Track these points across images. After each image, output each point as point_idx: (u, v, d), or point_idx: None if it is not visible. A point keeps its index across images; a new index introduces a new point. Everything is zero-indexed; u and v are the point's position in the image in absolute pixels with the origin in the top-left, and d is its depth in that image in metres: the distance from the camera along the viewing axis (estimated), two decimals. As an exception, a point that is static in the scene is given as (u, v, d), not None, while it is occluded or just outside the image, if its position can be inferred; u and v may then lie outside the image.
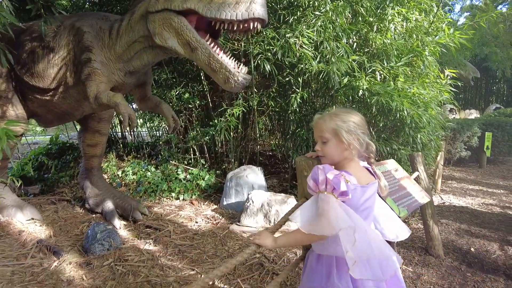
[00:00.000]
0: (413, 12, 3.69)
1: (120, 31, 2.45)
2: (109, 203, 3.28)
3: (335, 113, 1.31)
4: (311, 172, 1.23)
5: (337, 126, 1.26)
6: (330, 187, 1.15)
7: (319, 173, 1.19)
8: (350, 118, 1.27)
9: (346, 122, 1.26)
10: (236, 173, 3.99)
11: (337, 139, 1.26)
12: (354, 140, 1.25)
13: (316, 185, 1.20)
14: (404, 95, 3.22)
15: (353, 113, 1.31)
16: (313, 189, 1.22)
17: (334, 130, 1.27)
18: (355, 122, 1.27)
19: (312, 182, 1.21)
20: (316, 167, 1.22)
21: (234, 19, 1.95)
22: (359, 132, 1.26)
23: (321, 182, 1.17)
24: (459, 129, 6.60)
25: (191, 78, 4.82)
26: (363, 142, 1.28)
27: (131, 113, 2.29)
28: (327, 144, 1.29)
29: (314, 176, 1.21)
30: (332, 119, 1.28)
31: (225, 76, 2.08)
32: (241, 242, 2.95)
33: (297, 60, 3.42)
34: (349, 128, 1.25)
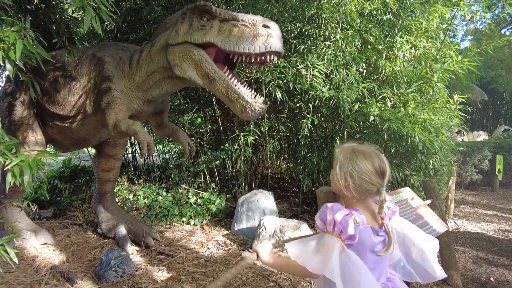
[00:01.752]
0: (421, 39, 3.78)
1: (140, 62, 2.54)
2: (122, 228, 3.29)
3: (352, 147, 1.26)
4: (319, 211, 1.21)
5: (338, 157, 1.24)
6: (337, 229, 1.12)
7: (327, 213, 1.16)
8: (355, 159, 1.20)
9: (348, 160, 1.21)
10: (247, 198, 3.99)
11: (334, 170, 1.25)
12: (343, 180, 1.20)
13: (324, 225, 1.17)
14: (415, 121, 3.25)
15: (366, 157, 1.21)
16: (321, 228, 1.19)
17: (335, 160, 1.26)
18: (358, 165, 1.19)
19: (320, 221, 1.18)
20: (324, 206, 1.19)
21: (252, 52, 2.02)
22: (356, 176, 1.18)
23: (329, 223, 1.15)
24: (469, 152, 6.57)
25: (203, 103, 4.91)
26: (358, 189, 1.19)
27: (150, 140, 2.34)
28: (332, 171, 1.29)
29: (322, 216, 1.18)
30: (343, 150, 1.26)
31: (242, 106, 2.13)
32: (254, 270, 2.92)
33: (307, 87, 3.49)
34: (345, 167, 1.21)
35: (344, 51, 3.47)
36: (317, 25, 3.58)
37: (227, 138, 4.92)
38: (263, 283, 2.69)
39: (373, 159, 1.21)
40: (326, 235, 1.15)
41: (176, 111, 4.80)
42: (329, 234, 1.14)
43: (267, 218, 3.46)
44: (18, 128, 2.87)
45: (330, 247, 1.11)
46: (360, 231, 1.12)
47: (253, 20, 2.08)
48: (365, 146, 1.27)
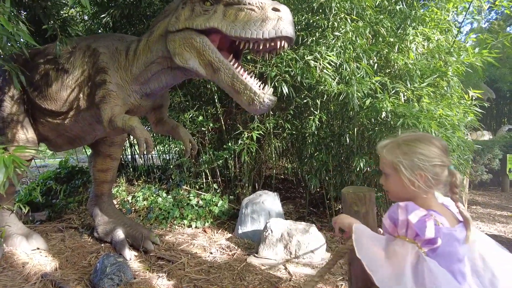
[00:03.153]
0: (434, 32, 3.58)
1: (137, 52, 2.35)
2: (120, 232, 3.09)
3: (398, 141, 1.10)
4: (389, 210, 1.01)
5: (396, 160, 1.05)
6: (411, 233, 0.93)
7: (399, 213, 0.97)
8: (415, 149, 1.04)
9: (409, 155, 1.04)
10: (252, 199, 3.79)
11: (397, 176, 1.06)
12: (418, 177, 1.02)
13: (394, 228, 0.98)
14: (431, 116, 3.06)
15: (423, 141, 1.06)
16: (390, 231, 1.00)
17: (393, 165, 1.07)
18: (423, 154, 1.03)
19: (389, 222, 1.00)
20: (396, 205, 1.01)
21: (260, 37, 1.83)
22: (428, 165, 1.02)
23: (401, 225, 0.96)
24: (479, 151, 6.37)
25: (204, 101, 4.72)
26: (435, 177, 1.03)
27: (148, 137, 2.15)
28: (388, 179, 1.11)
29: (392, 215, 0.99)
30: (392, 150, 1.08)
31: (249, 98, 1.94)
32: (261, 277, 2.72)
33: (316, 82, 3.29)
34: (411, 164, 1.03)
35: (354, 44, 3.28)
36: (325, 16, 3.38)
37: (230, 137, 4.73)
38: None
39: (430, 139, 1.07)
40: (397, 240, 0.96)
41: (176, 109, 4.61)
42: (401, 239, 0.95)
43: (274, 221, 3.26)
44: (7, 125, 2.68)
45: (402, 256, 0.92)
46: (443, 235, 0.92)
47: (261, 3, 1.89)
48: (408, 134, 1.12)
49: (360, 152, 3.58)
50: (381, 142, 1.17)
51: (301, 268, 2.89)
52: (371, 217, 1.20)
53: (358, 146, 3.63)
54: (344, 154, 3.86)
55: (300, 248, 3.05)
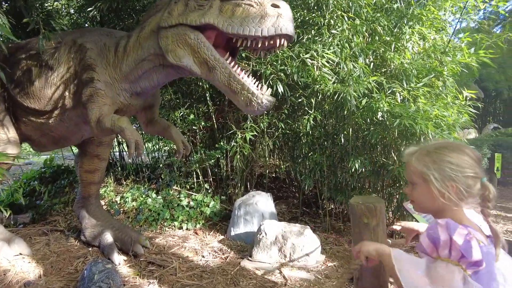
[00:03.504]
0: (430, 31, 3.55)
1: (127, 48, 2.22)
2: (108, 236, 2.97)
3: (429, 149, 1.02)
4: (428, 228, 0.93)
5: (426, 169, 0.98)
6: (455, 255, 0.84)
7: (440, 232, 0.88)
8: (446, 158, 0.97)
9: (439, 164, 0.97)
10: (245, 200, 3.70)
11: (426, 186, 0.99)
12: (450, 189, 0.95)
13: (433, 248, 0.88)
14: (427, 117, 3.02)
15: (454, 150, 0.99)
16: (429, 252, 0.90)
17: (422, 174, 0.99)
18: (454, 163, 0.96)
19: (429, 242, 0.90)
20: (435, 223, 0.92)
21: (259, 35, 1.73)
22: (460, 176, 0.95)
23: (443, 246, 0.86)
24: (469, 150, 6.42)
25: (195, 99, 4.60)
26: (467, 189, 0.95)
27: (138, 138, 2.03)
28: (415, 188, 1.03)
29: (432, 235, 0.89)
30: (421, 158, 1.01)
31: (247, 99, 1.85)
32: (255, 282, 2.65)
33: (312, 81, 3.21)
34: (442, 174, 0.96)
35: (351, 42, 3.21)
36: (322, 14, 3.30)
37: (222, 136, 4.62)
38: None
39: (462, 148, 0.99)
40: (439, 262, 0.87)
41: (166, 107, 4.48)
42: (444, 261, 0.86)
43: (268, 223, 3.19)
44: (-13, 124, 2.52)
45: (448, 281, 0.83)
46: (483, 254, 0.85)
47: (260, -1, 1.79)
48: (438, 142, 1.07)
49: (355, 152, 3.53)
50: (408, 149, 1.10)
51: (296, 272, 2.82)
52: (381, 230, 1.13)
53: (353, 146, 3.57)
54: (338, 154, 3.80)
55: (295, 251, 2.98)
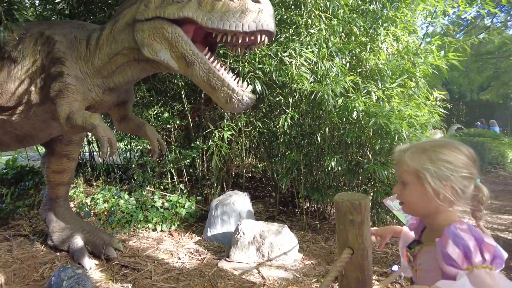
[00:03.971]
0: (403, 33, 3.65)
1: (100, 42, 2.11)
2: (78, 239, 2.82)
3: (424, 147, 0.97)
4: (452, 237, 0.83)
5: (420, 167, 0.93)
6: (489, 258, 0.79)
7: (466, 237, 0.81)
8: (443, 156, 0.92)
9: (436, 163, 0.91)
10: (222, 200, 3.65)
11: (420, 185, 0.93)
12: (446, 188, 0.90)
13: (465, 258, 0.80)
14: (401, 116, 3.10)
15: (450, 148, 0.94)
16: (460, 264, 0.81)
17: (417, 173, 0.93)
18: (450, 162, 0.91)
19: (459, 252, 0.81)
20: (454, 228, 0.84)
21: (240, 30, 1.69)
22: (457, 176, 0.90)
23: (474, 252, 0.79)
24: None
25: (170, 97, 4.49)
26: (463, 189, 0.90)
27: (111, 136, 1.93)
28: (407, 188, 0.97)
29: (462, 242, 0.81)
30: (416, 155, 0.95)
31: (227, 95, 1.80)
32: (233, 282, 2.60)
33: (290, 80, 3.21)
34: (438, 172, 0.90)
35: (328, 42, 3.24)
36: (299, 13, 3.31)
37: (198, 135, 4.54)
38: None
39: (458, 146, 0.94)
40: (478, 271, 0.78)
41: (140, 105, 4.34)
42: (481, 268, 0.78)
43: (245, 223, 3.15)
44: None
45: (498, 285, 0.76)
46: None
47: (241, -7, 1.75)
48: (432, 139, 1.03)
49: (331, 151, 3.57)
50: (400, 146, 1.04)
51: (275, 271, 2.81)
52: (367, 226, 1.12)
53: (329, 145, 3.61)
54: (315, 153, 3.83)
55: (273, 250, 2.97)
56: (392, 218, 3.58)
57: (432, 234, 0.98)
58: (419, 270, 1.01)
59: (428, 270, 0.97)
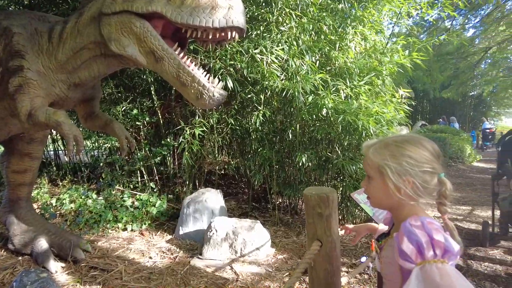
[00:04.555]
0: (371, 32, 3.77)
1: (64, 35, 2.02)
2: (42, 242, 2.70)
3: (387, 142, 0.97)
4: (406, 233, 0.84)
5: (382, 162, 0.93)
6: (440, 252, 0.80)
7: (419, 234, 0.82)
8: (405, 152, 0.92)
9: (397, 158, 0.92)
10: (194, 198, 3.62)
11: (382, 180, 0.94)
12: (406, 183, 0.90)
13: (418, 254, 0.81)
14: (368, 113, 3.21)
15: (413, 143, 0.94)
16: (413, 259, 0.82)
17: (378, 168, 0.94)
18: (412, 157, 0.91)
19: (412, 248, 0.82)
20: (407, 224, 0.85)
21: (210, 26, 1.68)
22: (417, 171, 0.90)
23: (427, 247, 0.81)
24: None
25: (139, 93, 4.38)
26: (424, 184, 0.91)
27: (77, 134, 1.87)
28: (371, 183, 0.99)
29: (414, 238, 0.82)
30: (379, 151, 0.96)
31: (197, 91, 1.79)
32: (206, 280, 2.60)
33: (261, 77, 3.24)
34: (399, 168, 0.91)
35: (299, 40, 3.29)
36: (270, 10, 3.33)
37: (168, 132, 4.47)
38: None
39: (421, 142, 0.94)
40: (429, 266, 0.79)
41: (107, 101, 4.20)
42: (433, 263, 0.80)
43: (218, 220, 3.15)
44: None
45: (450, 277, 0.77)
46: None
47: (211, -11, 1.74)
48: (398, 135, 1.02)
49: (302, 147, 3.64)
50: (367, 141, 1.05)
51: (247, 267, 2.83)
52: (334, 219, 1.16)
53: (300, 141, 3.68)
54: (286, 149, 3.89)
55: (246, 246, 2.99)
56: (360, 212, 3.70)
57: (398, 227, 0.98)
58: (383, 262, 1.03)
59: (390, 263, 0.98)
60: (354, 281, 2.61)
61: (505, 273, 2.83)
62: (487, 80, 14.19)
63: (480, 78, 14.40)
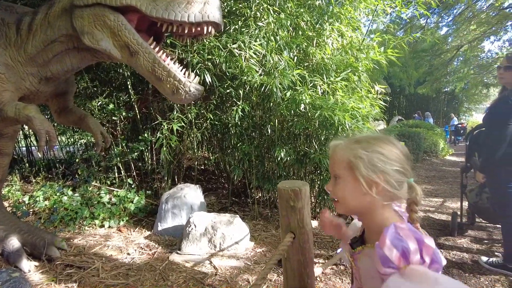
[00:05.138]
0: (347, 29, 3.84)
1: (33, 27, 1.95)
2: (14, 240, 2.62)
3: (358, 139, 0.92)
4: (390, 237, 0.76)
5: (354, 157, 0.87)
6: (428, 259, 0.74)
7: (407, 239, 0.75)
8: (376, 148, 0.87)
9: (369, 153, 0.86)
10: (172, 194, 3.60)
11: (352, 177, 0.88)
12: (379, 179, 0.84)
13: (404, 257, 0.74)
14: (345, 109, 3.28)
15: (384, 140, 0.90)
16: (397, 263, 0.74)
17: (349, 163, 0.88)
18: (383, 154, 0.86)
19: (396, 253, 0.74)
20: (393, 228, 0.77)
21: (185, 21, 1.68)
22: (390, 169, 0.85)
23: (414, 252, 0.73)
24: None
25: (115, 87, 4.29)
26: (396, 184, 0.85)
27: (50, 129, 1.82)
28: (339, 182, 0.91)
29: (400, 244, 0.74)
30: (349, 146, 0.90)
31: (173, 86, 1.78)
32: (185, 274, 2.60)
33: (239, 72, 3.24)
34: (372, 162, 0.85)
35: (277, 35, 3.31)
36: (248, 5, 3.33)
37: (146, 127, 4.41)
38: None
39: (393, 141, 0.90)
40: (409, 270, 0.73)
41: (82, 96, 4.09)
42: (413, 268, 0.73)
43: (197, 215, 3.15)
44: None
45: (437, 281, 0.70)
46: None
47: (186, -17, 1.73)
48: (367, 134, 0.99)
49: (281, 142, 3.68)
50: (334, 141, 0.98)
51: (226, 261, 2.85)
52: (306, 211, 1.19)
53: (279, 136, 3.72)
54: (265, 144, 3.92)
55: (225, 240, 3.01)
56: (337, 204, 3.78)
57: (371, 235, 0.93)
58: (362, 274, 0.95)
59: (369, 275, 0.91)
60: (331, 272, 2.68)
61: (471, 260, 2.98)
62: (459, 77, 14.72)
63: (453, 75, 14.92)
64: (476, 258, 2.99)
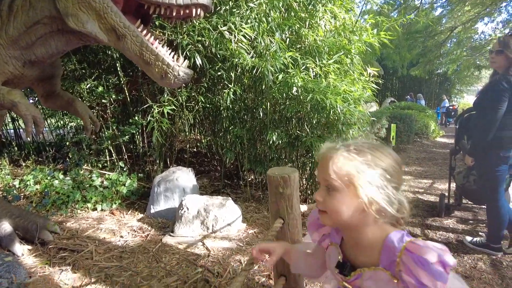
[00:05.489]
0: (340, 10, 3.78)
1: (14, 8, 1.88)
2: (5, 225, 2.62)
3: (359, 148, 0.82)
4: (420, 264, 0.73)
5: (356, 171, 0.78)
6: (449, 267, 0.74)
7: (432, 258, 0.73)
8: (380, 162, 0.80)
9: (373, 168, 0.78)
10: (165, 177, 3.61)
11: (351, 193, 0.78)
12: (381, 199, 0.78)
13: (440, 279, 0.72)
14: (337, 92, 3.27)
15: (384, 153, 0.83)
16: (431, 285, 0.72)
17: (350, 177, 0.78)
18: (385, 170, 0.79)
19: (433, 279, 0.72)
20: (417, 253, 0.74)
21: (173, 3, 1.63)
22: (388, 186, 0.79)
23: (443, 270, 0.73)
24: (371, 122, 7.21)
25: (104, 69, 4.20)
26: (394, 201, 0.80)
27: (36, 113, 1.79)
28: (334, 195, 0.81)
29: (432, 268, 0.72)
30: (350, 157, 0.79)
31: (162, 70, 1.75)
32: (178, 256, 2.65)
33: (230, 54, 3.19)
34: (374, 179, 0.78)
35: (268, 17, 3.25)
36: (239, -16, 3.25)
37: (136, 110, 4.35)
38: (190, 269, 2.45)
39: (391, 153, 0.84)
40: None
41: (70, 78, 4.01)
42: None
43: (189, 198, 3.17)
44: None
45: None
46: None
47: (174, -37, 1.67)
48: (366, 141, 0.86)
49: (273, 125, 3.68)
50: (327, 145, 0.87)
51: (219, 242, 2.90)
52: (295, 197, 1.21)
53: (271, 119, 3.71)
54: (257, 127, 3.91)
55: (217, 222, 3.05)
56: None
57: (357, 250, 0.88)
58: None
59: None
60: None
61: (456, 240, 3.08)
62: (452, 58, 14.69)
63: (446, 56, 14.89)
64: (461, 238, 3.08)
